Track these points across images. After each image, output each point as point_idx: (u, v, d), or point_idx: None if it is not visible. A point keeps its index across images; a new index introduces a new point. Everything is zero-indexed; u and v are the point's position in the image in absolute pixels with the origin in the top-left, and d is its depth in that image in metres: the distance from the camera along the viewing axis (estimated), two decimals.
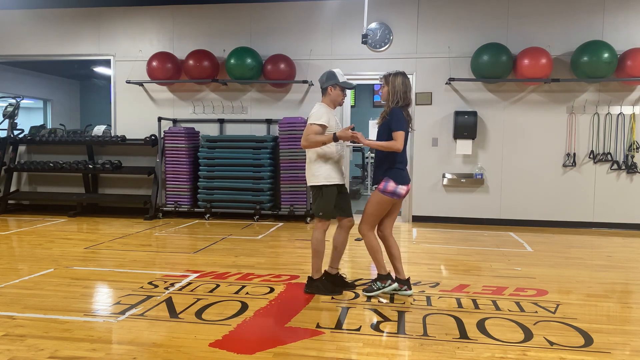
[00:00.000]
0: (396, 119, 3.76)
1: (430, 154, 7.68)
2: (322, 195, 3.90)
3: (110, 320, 3.35)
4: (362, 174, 12.85)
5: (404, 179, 3.83)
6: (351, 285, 4.13)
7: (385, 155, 3.83)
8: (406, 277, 3.98)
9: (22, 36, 8.61)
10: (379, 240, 4.01)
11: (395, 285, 3.90)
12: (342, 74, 4.02)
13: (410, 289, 3.95)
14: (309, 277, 4.04)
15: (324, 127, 3.83)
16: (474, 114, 7.45)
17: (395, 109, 3.80)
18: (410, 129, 3.92)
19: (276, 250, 5.72)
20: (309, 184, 3.99)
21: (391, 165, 3.81)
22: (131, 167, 8.27)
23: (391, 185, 3.78)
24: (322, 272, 4.04)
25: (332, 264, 4.08)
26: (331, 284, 4.01)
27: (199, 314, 3.48)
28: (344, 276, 4.19)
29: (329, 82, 3.98)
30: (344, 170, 4.12)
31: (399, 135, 3.74)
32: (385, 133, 3.81)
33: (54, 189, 8.69)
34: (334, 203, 3.93)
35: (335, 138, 3.82)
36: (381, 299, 3.84)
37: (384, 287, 3.87)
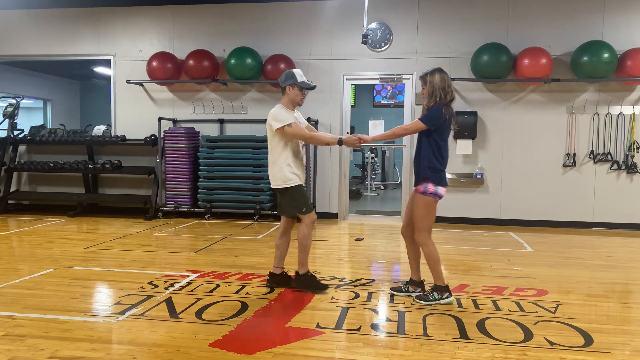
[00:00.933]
0: (429, 113, 3.69)
1: None
2: (292, 195, 3.92)
3: (110, 320, 3.35)
4: (362, 174, 12.86)
5: (442, 180, 3.75)
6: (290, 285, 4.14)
7: (423, 153, 3.73)
8: (421, 279, 3.98)
9: (22, 36, 8.61)
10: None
11: (452, 299, 3.77)
12: (302, 74, 4.00)
13: (451, 295, 3.83)
14: (295, 272, 4.06)
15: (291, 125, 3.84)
16: (474, 114, 7.45)
17: (436, 106, 3.68)
18: (454, 127, 3.81)
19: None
20: (273, 186, 3.97)
21: (429, 164, 3.71)
22: (131, 167, 8.27)
23: (431, 186, 3.70)
24: (308, 267, 4.07)
25: (278, 265, 4.14)
26: (317, 279, 4.07)
27: (199, 314, 3.48)
28: (287, 272, 4.21)
29: (288, 81, 3.95)
30: (303, 172, 4.10)
31: (415, 123, 3.71)
32: (422, 133, 3.76)
33: (54, 189, 8.69)
34: (306, 195, 3.99)
35: (340, 142, 3.84)
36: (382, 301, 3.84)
37: (440, 299, 3.74)
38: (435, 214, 3.83)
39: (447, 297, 3.77)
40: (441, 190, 3.75)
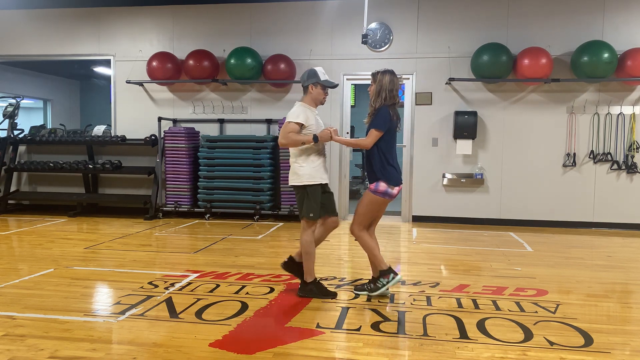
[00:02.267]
0: (379, 117, 3.75)
1: (430, 154, 7.68)
2: (307, 195, 3.84)
3: (110, 320, 3.35)
4: (362, 174, 12.84)
5: (396, 180, 3.82)
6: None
7: (374, 155, 3.80)
8: (387, 267, 3.91)
9: (22, 36, 8.61)
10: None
11: (399, 277, 3.87)
12: (324, 72, 3.96)
13: (397, 274, 3.87)
14: (302, 280, 3.97)
15: (300, 125, 3.78)
16: (474, 114, 7.45)
17: (382, 107, 3.77)
18: (398, 128, 3.91)
19: (276, 250, 5.72)
20: (291, 183, 3.91)
21: (382, 165, 3.79)
22: (131, 167, 8.27)
23: (382, 185, 3.77)
24: (314, 274, 3.96)
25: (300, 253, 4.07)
26: (325, 287, 3.97)
27: (199, 314, 3.48)
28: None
29: (310, 80, 3.91)
30: (327, 168, 4.05)
31: (372, 133, 3.74)
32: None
33: (54, 189, 8.69)
34: (319, 202, 3.87)
35: (316, 139, 3.78)
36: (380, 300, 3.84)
37: (388, 282, 3.81)
38: (377, 212, 3.91)
39: (393, 278, 3.82)
40: (394, 190, 3.80)
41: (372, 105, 3.82)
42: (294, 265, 4.06)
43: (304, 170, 3.82)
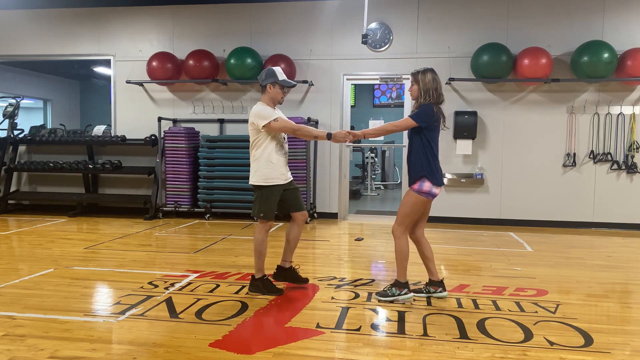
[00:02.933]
0: (420, 111, 3.72)
1: None
2: (261, 195, 3.91)
3: (110, 320, 3.35)
4: (362, 174, 12.85)
5: (440, 180, 3.79)
6: (304, 280, 4.17)
7: (419, 152, 3.74)
8: (440, 279, 3.94)
9: (22, 36, 8.61)
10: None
11: (411, 295, 3.80)
12: (282, 72, 4.01)
13: (445, 290, 3.90)
14: (252, 275, 4.03)
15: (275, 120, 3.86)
16: (474, 114, 7.45)
17: (427, 104, 3.72)
18: (443, 126, 3.88)
19: (276, 250, 5.69)
20: (250, 182, 3.97)
21: (429, 162, 3.74)
22: (131, 167, 8.27)
23: (427, 185, 3.71)
24: (264, 272, 4.03)
25: (285, 257, 4.13)
26: (272, 283, 4.02)
27: (199, 314, 3.48)
28: (297, 268, 4.22)
29: (268, 79, 3.95)
30: (287, 169, 4.06)
31: (407, 119, 3.73)
32: (413, 132, 3.76)
33: (54, 189, 8.69)
34: (275, 203, 3.94)
35: (330, 136, 3.84)
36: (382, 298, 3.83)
37: (399, 295, 3.77)
38: (421, 213, 3.85)
39: (405, 294, 3.79)
40: (436, 189, 3.75)
41: (419, 103, 3.77)
42: (283, 272, 4.14)
43: (261, 171, 3.88)
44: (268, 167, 3.88)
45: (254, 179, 3.92)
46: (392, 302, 3.75)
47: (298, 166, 7.37)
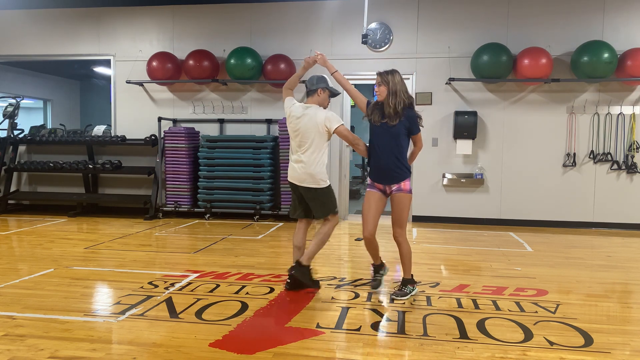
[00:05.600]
0: (416, 120, 3.83)
1: (430, 154, 7.67)
2: (328, 194, 4.02)
3: (110, 320, 3.35)
4: (362, 174, 12.85)
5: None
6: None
7: (404, 153, 3.86)
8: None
9: (22, 36, 8.61)
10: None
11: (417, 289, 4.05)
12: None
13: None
14: (298, 262, 4.01)
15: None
16: (474, 114, 7.45)
17: (410, 110, 3.81)
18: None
19: (276, 250, 5.72)
20: (319, 186, 3.96)
21: (406, 163, 3.90)
22: (131, 167, 8.27)
23: (409, 183, 3.92)
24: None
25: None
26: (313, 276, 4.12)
27: (199, 314, 3.48)
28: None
29: (320, 84, 4.03)
30: None
31: (420, 136, 3.94)
32: (402, 134, 3.81)
33: (54, 189, 8.69)
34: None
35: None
36: (381, 299, 3.84)
37: (413, 290, 3.96)
38: None
39: (416, 287, 4.02)
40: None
41: (391, 105, 3.77)
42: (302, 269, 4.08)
43: (324, 173, 4.00)
44: (325, 168, 4.01)
45: (319, 183, 3.95)
46: (410, 298, 3.87)
47: None
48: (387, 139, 3.82)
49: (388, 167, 3.85)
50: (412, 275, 4.00)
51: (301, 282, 3.97)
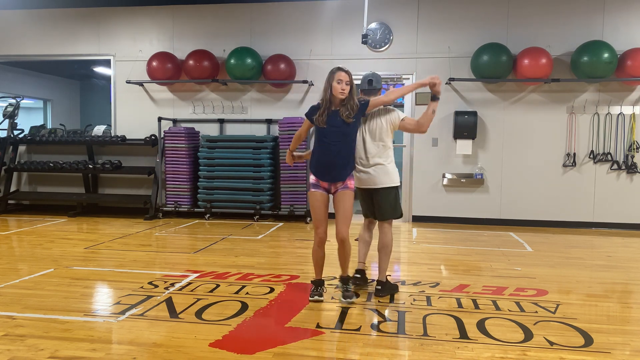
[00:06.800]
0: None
1: (430, 154, 7.68)
2: (397, 195, 3.97)
3: (110, 320, 3.35)
4: None
5: None
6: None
7: (352, 153, 3.81)
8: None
9: (22, 36, 8.61)
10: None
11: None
12: None
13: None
14: (380, 281, 3.92)
15: None
16: (474, 114, 7.45)
17: (362, 99, 3.93)
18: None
19: (276, 250, 5.72)
20: (391, 185, 3.87)
21: (354, 161, 3.84)
22: (131, 167, 8.27)
23: (353, 181, 3.86)
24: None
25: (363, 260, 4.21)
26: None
27: (199, 314, 3.48)
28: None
29: (379, 84, 4.16)
30: None
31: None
32: (356, 130, 3.82)
33: (54, 189, 8.69)
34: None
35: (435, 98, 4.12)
36: (381, 300, 3.84)
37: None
38: None
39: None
40: None
41: (359, 101, 3.89)
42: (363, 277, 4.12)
43: (396, 172, 3.91)
44: (394, 165, 3.94)
45: (394, 181, 3.88)
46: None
47: (298, 166, 7.37)
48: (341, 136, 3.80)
49: (337, 164, 3.76)
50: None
51: (391, 295, 3.94)
